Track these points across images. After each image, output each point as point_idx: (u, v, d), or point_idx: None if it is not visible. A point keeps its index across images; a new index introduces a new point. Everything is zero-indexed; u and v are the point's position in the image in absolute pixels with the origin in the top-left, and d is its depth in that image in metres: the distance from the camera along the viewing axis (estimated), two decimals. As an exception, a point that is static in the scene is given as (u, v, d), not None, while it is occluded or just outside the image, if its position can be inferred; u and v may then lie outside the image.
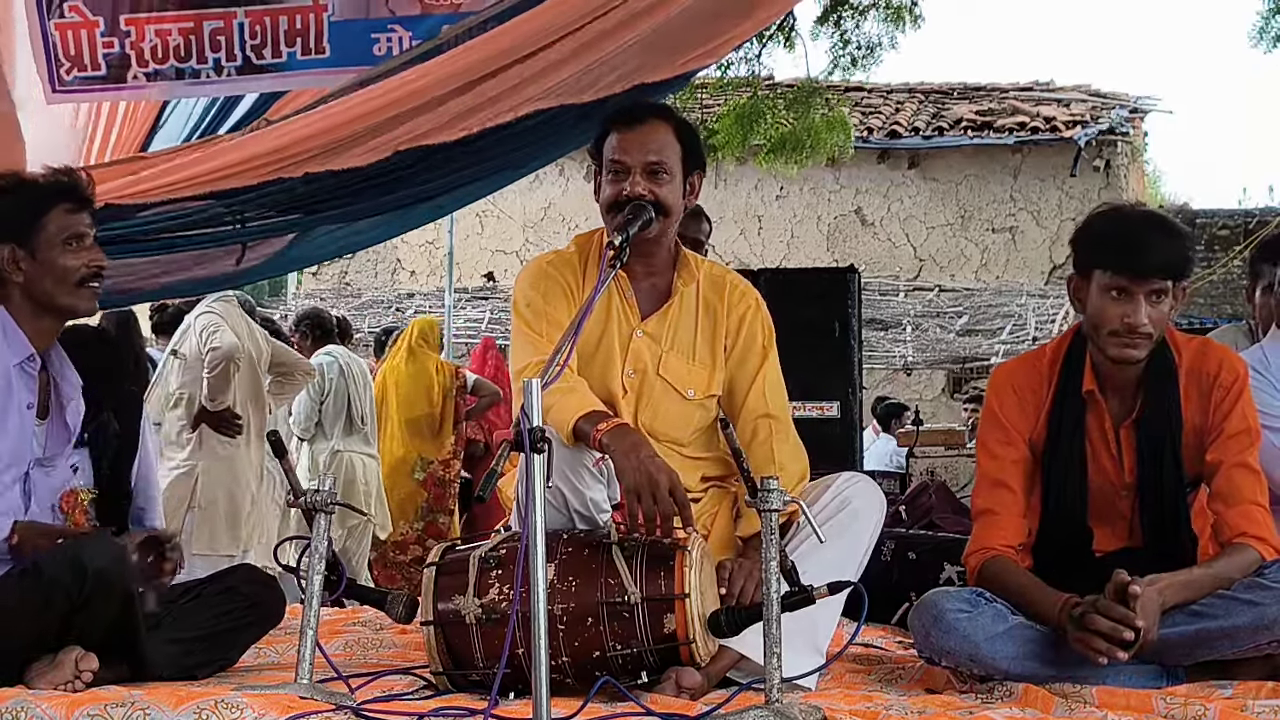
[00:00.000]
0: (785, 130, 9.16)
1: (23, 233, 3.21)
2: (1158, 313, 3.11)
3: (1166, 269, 3.10)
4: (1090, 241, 3.20)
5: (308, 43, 4.28)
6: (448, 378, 8.43)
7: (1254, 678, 3.01)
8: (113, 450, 3.47)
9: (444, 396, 8.35)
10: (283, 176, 4.05)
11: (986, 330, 13.90)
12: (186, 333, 6.37)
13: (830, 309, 5.08)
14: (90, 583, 2.93)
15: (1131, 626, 2.85)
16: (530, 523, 2.40)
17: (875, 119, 15.21)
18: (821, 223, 15.36)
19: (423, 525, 8.16)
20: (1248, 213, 15.10)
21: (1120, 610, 2.87)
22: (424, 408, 8.29)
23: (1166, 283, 3.10)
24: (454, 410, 8.38)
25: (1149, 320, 3.09)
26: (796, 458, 3.32)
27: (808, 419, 4.82)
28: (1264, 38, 8.56)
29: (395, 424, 8.17)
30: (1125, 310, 3.10)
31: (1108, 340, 3.13)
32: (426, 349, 8.44)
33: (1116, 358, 3.14)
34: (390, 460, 8.14)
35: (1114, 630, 2.86)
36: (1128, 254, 3.11)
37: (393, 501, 8.05)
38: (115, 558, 3.00)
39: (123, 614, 3.01)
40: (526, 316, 3.30)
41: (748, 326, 3.37)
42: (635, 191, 3.20)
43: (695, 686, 2.96)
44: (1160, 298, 3.11)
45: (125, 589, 3.00)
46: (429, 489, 8.22)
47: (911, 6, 9.00)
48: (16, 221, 3.22)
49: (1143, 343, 3.12)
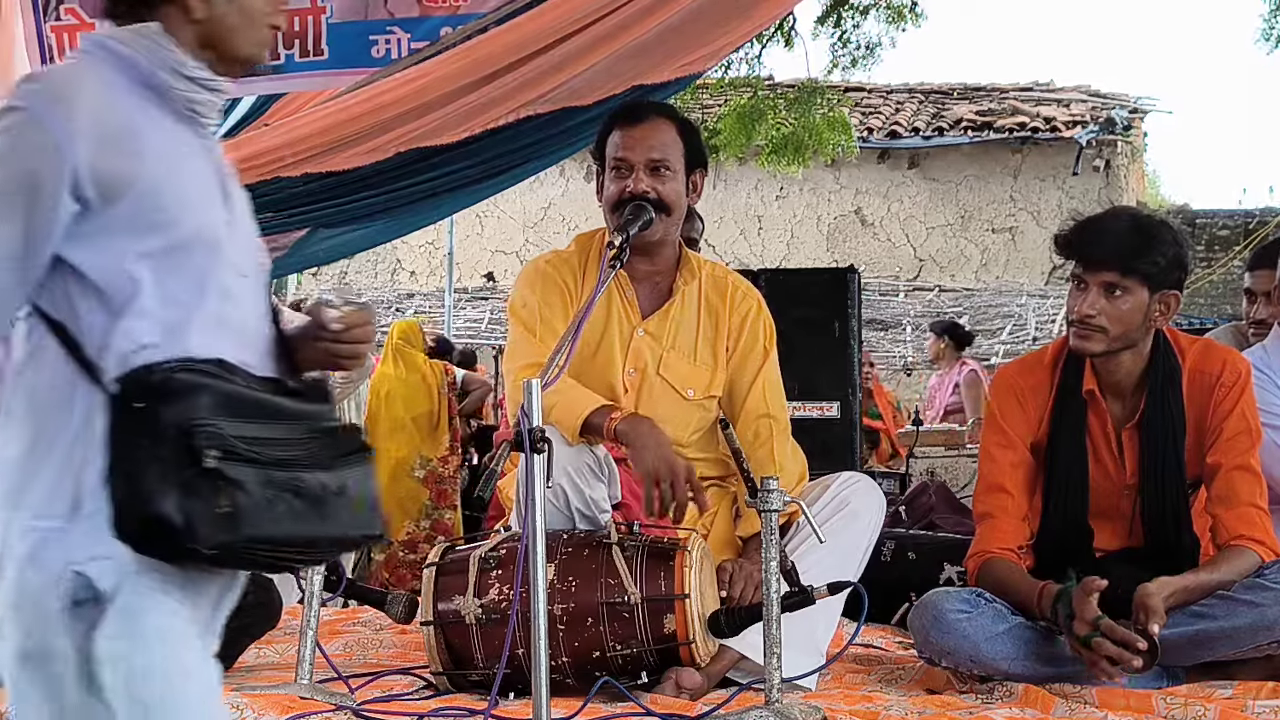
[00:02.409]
0: (786, 130, 9.17)
1: None
2: (1114, 308, 3.06)
3: (1115, 261, 3.05)
4: (1063, 235, 3.21)
5: (306, 44, 4.27)
6: (439, 375, 8.49)
7: (1254, 678, 3.01)
8: None
9: (438, 393, 8.41)
10: (280, 176, 4.05)
11: (986, 330, 13.88)
12: None
13: (830, 309, 5.06)
14: None
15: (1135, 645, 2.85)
16: (530, 523, 2.40)
17: (875, 119, 15.20)
18: (821, 223, 15.35)
19: (430, 523, 8.19)
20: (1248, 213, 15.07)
21: (1123, 632, 2.87)
22: (425, 405, 8.35)
23: (1120, 277, 3.05)
24: (448, 406, 8.44)
25: (1099, 312, 3.06)
26: (796, 458, 3.32)
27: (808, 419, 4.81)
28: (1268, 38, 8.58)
29: (394, 425, 8.18)
30: (1078, 300, 3.10)
31: (1070, 331, 3.14)
32: (410, 348, 8.49)
33: (1074, 349, 3.15)
34: (390, 461, 8.16)
35: (1121, 655, 2.87)
36: (1081, 244, 3.12)
37: (394, 501, 8.07)
38: None
39: None
40: (522, 316, 3.30)
41: (749, 327, 3.37)
42: (638, 189, 3.20)
43: (695, 686, 2.96)
44: (1115, 292, 3.06)
45: None
46: (429, 486, 8.26)
47: (911, 6, 9.01)
48: None
49: (1096, 335, 3.08)
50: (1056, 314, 13.51)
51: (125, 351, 1.73)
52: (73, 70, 1.87)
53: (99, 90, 1.79)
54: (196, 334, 1.77)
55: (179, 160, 1.84)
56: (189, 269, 1.79)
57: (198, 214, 1.82)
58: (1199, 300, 13.98)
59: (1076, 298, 3.11)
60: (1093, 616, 2.89)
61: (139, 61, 1.83)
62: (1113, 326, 3.08)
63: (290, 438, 1.78)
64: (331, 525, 1.80)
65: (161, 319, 1.76)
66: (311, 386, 1.90)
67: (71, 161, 1.72)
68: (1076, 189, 14.66)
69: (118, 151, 1.76)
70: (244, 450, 1.71)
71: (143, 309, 1.75)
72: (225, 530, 1.68)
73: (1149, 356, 3.18)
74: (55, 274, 1.76)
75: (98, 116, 1.76)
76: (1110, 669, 2.88)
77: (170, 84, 1.85)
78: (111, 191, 1.75)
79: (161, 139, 1.82)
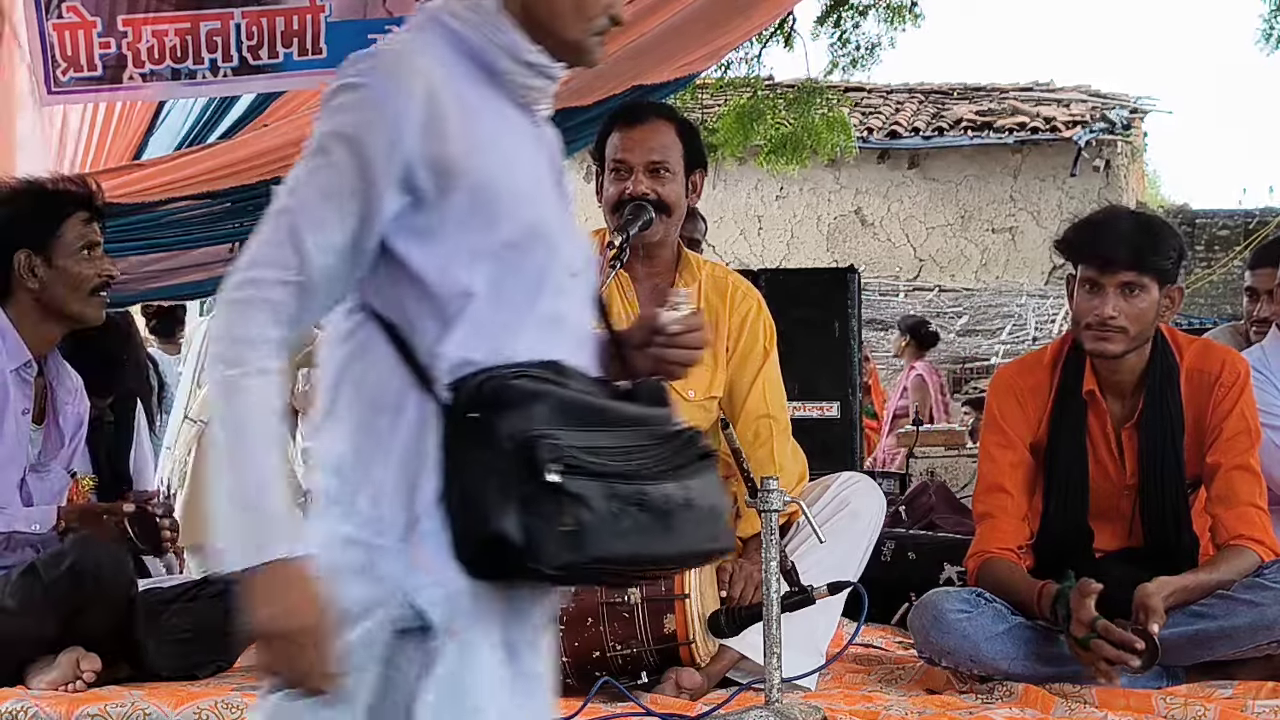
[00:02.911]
0: (786, 130, 9.17)
1: (40, 239, 3.21)
2: (1132, 308, 3.07)
3: (1133, 260, 3.06)
4: (1067, 239, 3.21)
5: (304, 43, 4.27)
6: None
7: (1254, 678, 3.01)
8: (109, 440, 3.49)
9: None
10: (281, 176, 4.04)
11: (986, 330, 13.89)
12: None
13: (830, 309, 5.06)
14: (88, 590, 2.93)
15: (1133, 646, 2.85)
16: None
17: (875, 119, 15.20)
18: (821, 223, 15.35)
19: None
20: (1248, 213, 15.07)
21: (1120, 633, 2.87)
22: None
23: (1138, 275, 3.06)
24: None
25: (1119, 313, 3.06)
26: (796, 459, 3.32)
27: (808, 419, 4.80)
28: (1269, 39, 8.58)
29: None
30: (1095, 303, 3.09)
31: (1084, 335, 3.13)
32: None
33: (1093, 352, 3.14)
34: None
35: (1119, 656, 2.87)
36: (1095, 246, 3.11)
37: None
38: (114, 564, 2.99)
39: (121, 619, 3.01)
40: None
41: (750, 328, 3.37)
42: (638, 190, 3.20)
43: (695, 686, 2.96)
44: (1134, 291, 3.07)
45: (124, 595, 3.00)
46: None
47: (911, 6, 9.02)
48: (34, 228, 3.23)
49: (1116, 336, 3.09)
50: (1056, 314, 13.52)
51: (458, 358, 1.60)
52: (409, 47, 1.68)
53: (436, 70, 1.64)
54: (531, 336, 1.64)
55: (515, 149, 1.70)
56: (526, 267, 1.65)
57: (534, 207, 1.68)
58: (1199, 300, 13.98)
59: (1090, 301, 3.09)
60: (1090, 618, 2.89)
61: (474, 41, 1.69)
62: (1132, 326, 3.08)
63: (631, 446, 1.64)
64: (678, 540, 1.66)
65: (495, 321, 1.62)
66: (649, 388, 1.77)
67: (407, 147, 1.60)
68: (1076, 189, 14.66)
69: (454, 138, 1.62)
70: (586, 462, 1.57)
71: (477, 312, 1.61)
72: (570, 549, 1.55)
73: (1149, 355, 3.18)
74: (385, 269, 1.63)
75: (435, 99, 1.62)
76: (1108, 670, 2.88)
77: (509, 68, 1.70)
78: (446, 181, 1.61)
79: (497, 125, 1.68)
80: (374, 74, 1.63)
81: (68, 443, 3.30)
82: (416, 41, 1.69)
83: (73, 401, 3.32)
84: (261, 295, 1.57)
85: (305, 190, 1.62)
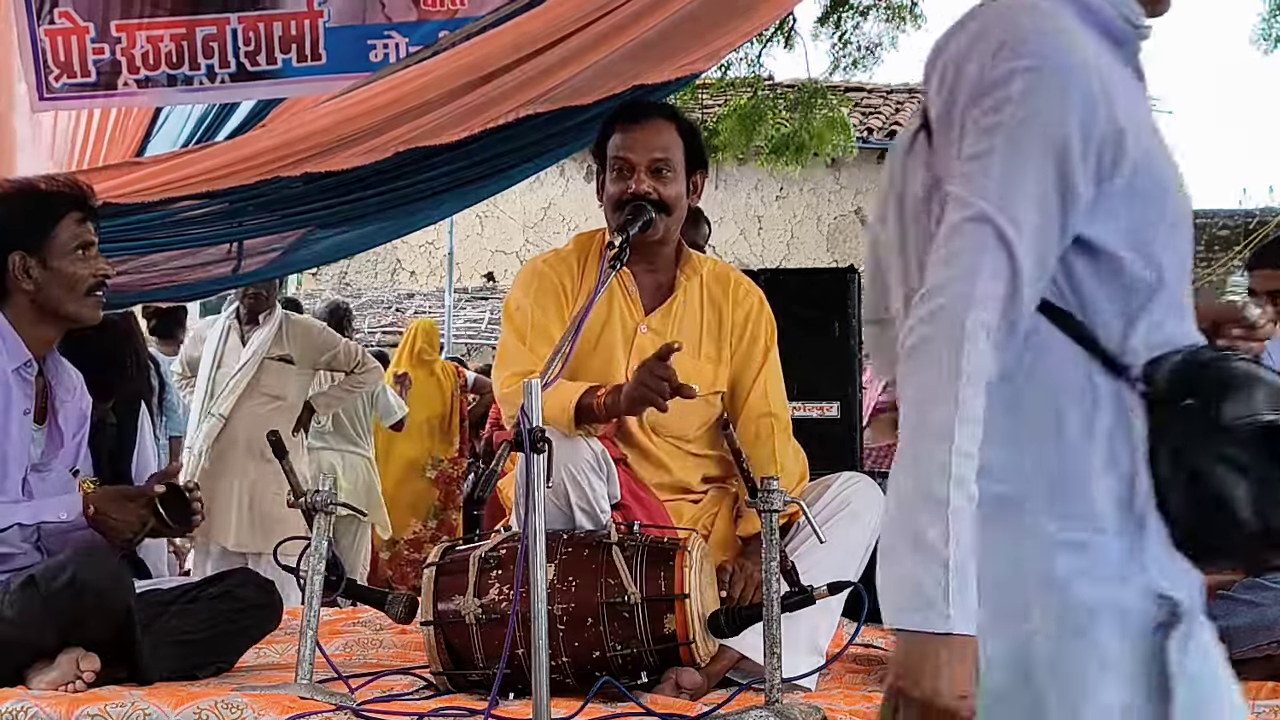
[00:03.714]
0: (786, 131, 9.17)
1: (34, 241, 3.22)
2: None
3: None
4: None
5: (303, 49, 4.24)
6: (451, 376, 8.56)
7: (1254, 678, 3.01)
8: (111, 442, 3.49)
9: (450, 395, 8.48)
10: (281, 175, 4.04)
11: (986, 330, 13.90)
12: None
13: (830, 309, 5.05)
14: (87, 601, 2.92)
15: None
16: (530, 523, 2.40)
17: (875, 119, 15.20)
18: (821, 223, 15.36)
19: (436, 524, 8.22)
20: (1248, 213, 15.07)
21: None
22: (439, 406, 8.42)
23: None
24: (459, 408, 8.50)
25: None
26: (797, 459, 3.32)
27: (808, 419, 4.80)
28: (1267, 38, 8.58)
29: (409, 426, 8.18)
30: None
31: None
32: (429, 349, 8.56)
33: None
34: (403, 461, 8.21)
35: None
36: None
37: (406, 501, 8.11)
38: (112, 576, 2.99)
39: (120, 628, 3.00)
40: (515, 321, 3.30)
41: (752, 323, 3.37)
42: (640, 189, 3.20)
43: (695, 686, 2.96)
44: None
45: (123, 606, 2.99)
46: (439, 487, 8.30)
47: (911, 7, 9.01)
48: (28, 229, 3.23)
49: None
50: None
51: (1155, 340, 1.53)
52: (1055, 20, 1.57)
53: (1086, 40, 1.56)
54: (1187, 316, 1.59)
55: (1151, 120, 1.61)
56: (1180, 246, 1.58)
57: (1177, 183, 1.60)
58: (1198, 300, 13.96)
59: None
60: None
61: (1099, 7, 1.61)
62: None
63: None
64: None
65: (1173, 302, 1.56)
66: None
67: (1095, 124, 1.51)
68: (1076, 189, 14.64)
69: (1121, 113, 1.53)
70: None
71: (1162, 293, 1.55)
72: None
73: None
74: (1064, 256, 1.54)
75: (1100, 74, 1.54)
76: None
77: (1129, 34, 1.63)
78: (1122, 159, 1.53)
79: (1134, 96, 1.60)
80: (1049, 52, 1.53)
81: (69, 441, 3.30)
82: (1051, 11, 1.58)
83: (73, 399, 3.32)
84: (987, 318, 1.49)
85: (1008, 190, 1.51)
